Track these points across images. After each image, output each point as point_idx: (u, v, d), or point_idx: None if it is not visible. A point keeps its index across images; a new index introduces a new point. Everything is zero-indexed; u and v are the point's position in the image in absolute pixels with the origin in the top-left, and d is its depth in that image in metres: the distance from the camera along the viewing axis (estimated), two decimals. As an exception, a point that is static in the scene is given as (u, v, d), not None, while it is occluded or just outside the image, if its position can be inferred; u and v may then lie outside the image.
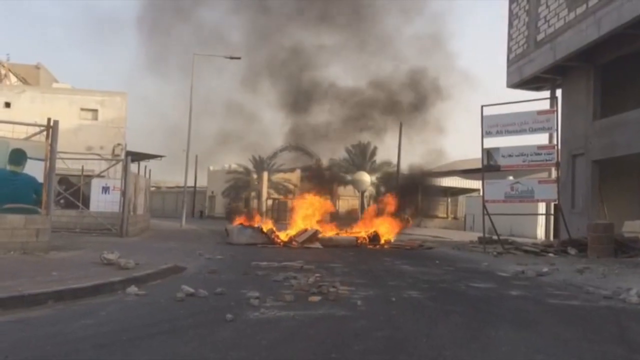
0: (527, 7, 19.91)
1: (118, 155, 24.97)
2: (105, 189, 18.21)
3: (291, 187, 41.88)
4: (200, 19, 40.30)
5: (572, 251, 14.13)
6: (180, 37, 41.60)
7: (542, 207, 21.04)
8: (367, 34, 26.59)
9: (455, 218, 40.29)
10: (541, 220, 23.31)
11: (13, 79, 33.17)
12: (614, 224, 14.30)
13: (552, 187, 15.48)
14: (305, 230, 16.85)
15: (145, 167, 23.05)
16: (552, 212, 18.85)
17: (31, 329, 4.85)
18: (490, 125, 15.86)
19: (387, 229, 18.53)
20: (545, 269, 10.42)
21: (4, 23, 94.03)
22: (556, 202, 15.89)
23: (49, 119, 10.56)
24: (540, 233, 23.83)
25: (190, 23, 37.62)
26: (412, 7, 37.36)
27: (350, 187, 41.47)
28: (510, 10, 21.14)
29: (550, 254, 14.05)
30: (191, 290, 6.62)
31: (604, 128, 16.88)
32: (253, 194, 44.57)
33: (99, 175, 18.60)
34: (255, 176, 44.93)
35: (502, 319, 5.93)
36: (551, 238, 19.19)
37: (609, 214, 16.72)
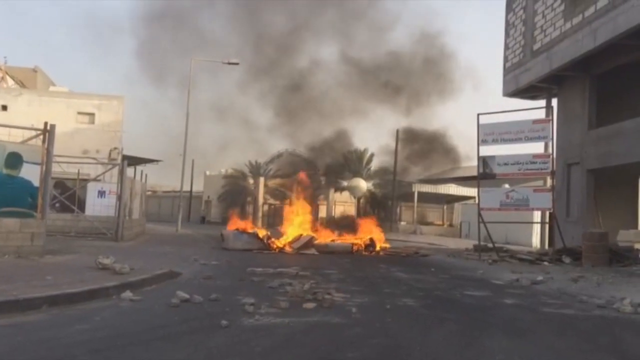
0: (523, 17, 20.04)
1: (114, 159, 24.91)
2: (101, 193, 18.15)
3: (287, 192, 41.95)
4: (196, 24, 40.32)
5: (567, 260, 14.18)
6: (177, 44, 41.61)
7: (537, 216, 21.13)
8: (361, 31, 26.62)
9: (450, 225, 40.43)
10: (536, 228, 23.39)
11: (10, 81, 33.08)
12: (608, 233, 14.37)
13: (547, 195, 15.57)
14: (301, 237, 16.85)
15: (142, 171, 23.04)
16: (547, 220, 18.92)
17: (25, 334, 4.84)
18: (487, 134, 15.98)
19: (381, 236, 18.55)
20: (539, 278, 10.45)
21: (1, 26, 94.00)
22: (551, 211, 15.96)
23: (45, 123, 10.53)
24: (536, 241, 23.92)
25: (186, 30, 37.65)
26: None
27: (346, 193, 41.54)
28: (507, 20, 21.27)
29: (545, 263, 14.09)
30: (186, 296, 6.61)
31: (600, 137, 16.97)
32: (249, 199, 44.52)
33: (95, 179, 18.52)
34: (251, 181, 44.92)
35: (496, 328, 5.95)
36: (546, 246, 19.24)
37: (603, 223, 16.79)
